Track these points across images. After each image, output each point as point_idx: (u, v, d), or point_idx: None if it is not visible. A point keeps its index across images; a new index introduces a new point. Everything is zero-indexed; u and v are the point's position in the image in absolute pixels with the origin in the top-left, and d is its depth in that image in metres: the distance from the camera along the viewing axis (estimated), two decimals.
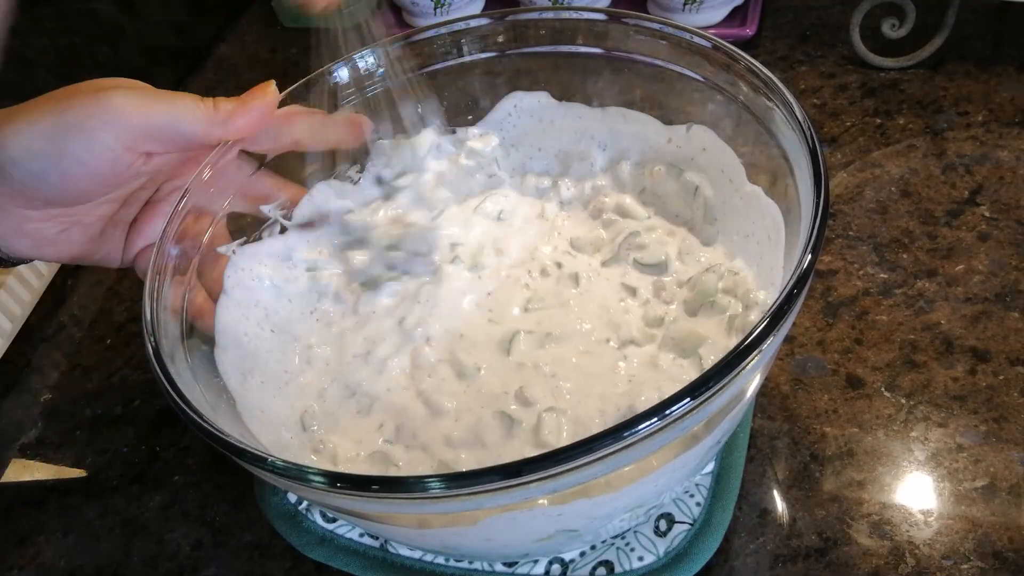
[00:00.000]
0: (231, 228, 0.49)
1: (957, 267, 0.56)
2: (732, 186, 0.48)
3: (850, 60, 0.74)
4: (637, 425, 0.29)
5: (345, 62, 0.52)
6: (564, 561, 0.45)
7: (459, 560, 0.46)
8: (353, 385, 0.47)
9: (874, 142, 0.66)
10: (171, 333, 0.41)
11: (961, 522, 0.45)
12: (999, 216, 0.59)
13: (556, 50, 0.53)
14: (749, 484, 0.48)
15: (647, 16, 0.49)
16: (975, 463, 0.47)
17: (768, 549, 0.45)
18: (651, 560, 0.44)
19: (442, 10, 0.81)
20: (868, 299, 0.56)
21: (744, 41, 0.76)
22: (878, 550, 0.44)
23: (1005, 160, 0.62)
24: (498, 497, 0.30)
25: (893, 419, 0.49)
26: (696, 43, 0.47)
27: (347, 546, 0.48)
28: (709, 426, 0.36)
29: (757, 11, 0.78)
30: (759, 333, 0.31)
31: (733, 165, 0.48)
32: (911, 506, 0.46)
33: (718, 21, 0.77)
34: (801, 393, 0.51)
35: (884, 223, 0.60)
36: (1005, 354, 0.51)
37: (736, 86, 0.46)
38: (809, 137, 0.38)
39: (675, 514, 0.46)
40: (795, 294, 0.32)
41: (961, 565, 0.43)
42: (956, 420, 0.49)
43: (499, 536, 0.38)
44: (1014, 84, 0.68)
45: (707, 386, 0.30)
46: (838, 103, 0.70)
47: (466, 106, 0.57)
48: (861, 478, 0.47)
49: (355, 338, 0.50)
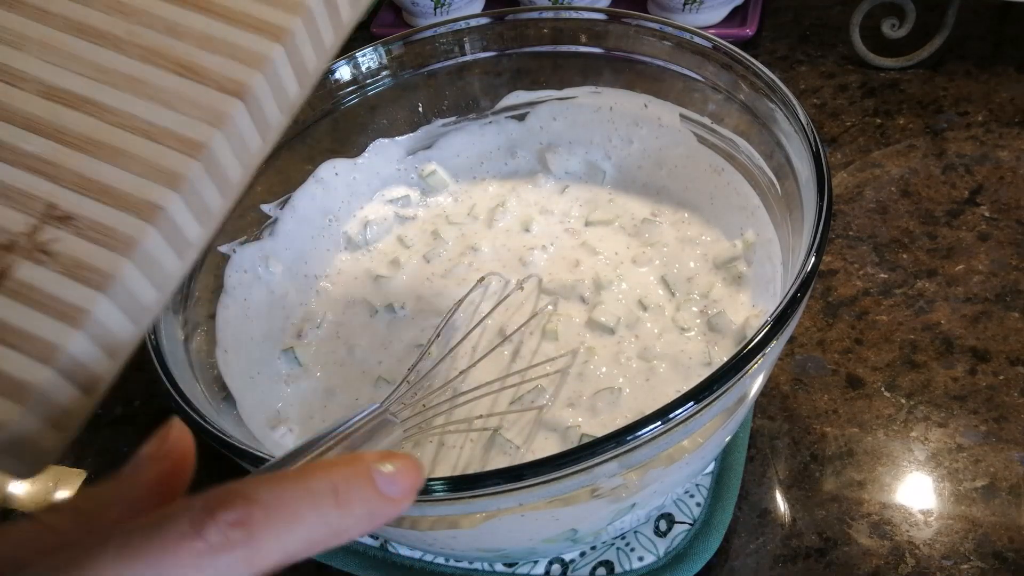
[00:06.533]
0: (230, 227, 0.49)
1: (957, 267, 0.56)
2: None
3: (850, 60, 0.73)
4: (639, 429, 0.29)
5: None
6: (564, 561, 0.45)
7: (459, 560, 0.46)
8: (353, 385, 0.47)
9: (874, 142, 0.66)
10: (171, 333, 0.41)
11: (961, 522, 0.45)
12: (999, 216, 0.59)
13: (556, 50, 0.53)
14: (749, 484, 0.48)
15: (647, 16, 0.49)
16: (975, 463, 0.47)
17: (768, 549, 0.45)
18: (651, 560, 0.44)
19: (442, 10, 0.81)
20: (868, 299, 0.56)
21: (744, 41, 0.76)
22: (878, 550, 0.44)
23: (1005, 160, 0.62)
24: (502, 500, 0.30)
25: (893, 419, 0.49)
26: (696, 43, 0.47)
27: (347, 546, 0.48)
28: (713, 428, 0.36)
29: (757, 11, 0.78)
30: (763, 337, 0.31)
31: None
32: (911, 506, 0.46)
33: (718, 21, 0.77)
34: (801, 393, 0.51)
35: (884, 223, 0.60)
36: (1005, 354, 0.51)
37: (736, 86, 0.46)
38: (812, 140, 0.38)
39: (675, 514, 0.46)
40: (799, 297, 0.32)
41: (961, 565, 0.43)
42: (956, 420, 0.49)
43: (500, 537, 0.38)
44: (1014, 84, 0.68)
45: (711, 390, 0.30)
46: (838, 103, 0.70)
47: (466, 105, 0.57)
48: (861, 478, 0.47)
49: (361, 338, 0.50)
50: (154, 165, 0.27)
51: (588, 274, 0.50)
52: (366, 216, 0.55)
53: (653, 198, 0.54)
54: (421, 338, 0.48)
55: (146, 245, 0.26)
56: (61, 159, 0.27)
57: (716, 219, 0.51)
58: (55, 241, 0.26)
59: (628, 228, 0.52)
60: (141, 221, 0.26)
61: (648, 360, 0.45)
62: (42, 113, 0.28)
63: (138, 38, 0.30)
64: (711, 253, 0.49)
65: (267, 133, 0.30)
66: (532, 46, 0.53)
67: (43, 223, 0.26)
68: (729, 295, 0.47)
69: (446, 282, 0.51)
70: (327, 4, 0.31)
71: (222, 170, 0.29)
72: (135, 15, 0.30)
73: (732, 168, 0.49)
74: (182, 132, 0.28)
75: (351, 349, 0.49)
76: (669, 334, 0.46)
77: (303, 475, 0.21)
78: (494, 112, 0.57)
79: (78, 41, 0.29)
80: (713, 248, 0.50)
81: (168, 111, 0.28)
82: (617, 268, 0.50)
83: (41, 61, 0.29)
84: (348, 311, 0.52)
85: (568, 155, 0.56)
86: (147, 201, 0.27)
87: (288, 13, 0.30)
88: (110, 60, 0.29)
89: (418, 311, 0.50)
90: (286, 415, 0.47)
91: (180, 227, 0.28)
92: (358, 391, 0.47)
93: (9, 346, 0.25)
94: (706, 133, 0.50)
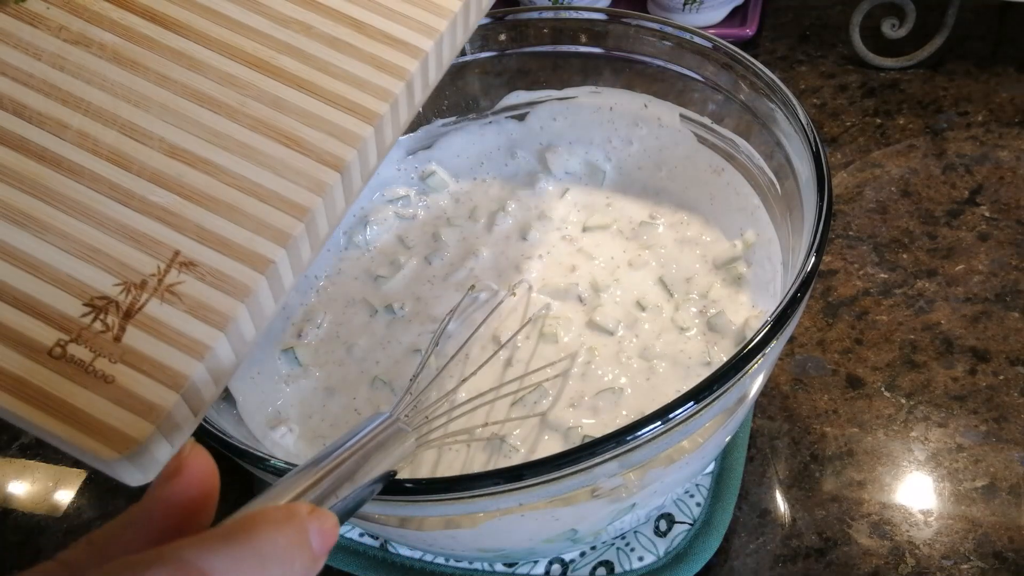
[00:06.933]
0: None
1: (957, 267, 0.56)
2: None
3: (850, 60, 0.74)
4: (639, 429, 0.29)
5: None
6: (564, 561, 0.45)
7: (459, 560, 0.46)
8: (352, 385, 0.47)
9: (874, 142, 0.66)
10: None
11: (961, 522, 0.45)
12: (999, 216, 0.59)
13: (556, 50, 0.53)
14: (749, 484, 0.48)
15: (647, 16, 0.49)
16: (975, 463, 0.47)
17: (768, 549, 0.45)
18: (651, 560, 0.44)
19: None
20: (868, 299, 0.56)
21: (744, 41, 0.76)
22: (878, 550, 0.44)
23: (1005, 160, 0.62)
24: (502, 500, 0.30)
25: (893, 419, 0.49)
26: (696, 43, 0.47)
27: (347, 546, 0.48)
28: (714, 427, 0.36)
29: (757, 11, 0.78)
30: (763, 337, 0.31)
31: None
32: (911, 506, 0.46)
33: (718, 21, 0.77)
34: (801, 393, 0.51)
35: (884, 223, 0.60)
36: (1005, 354, 0.51)
37: (736, 86, 0.46)
38: (812, 140, 0.38)
39: (675, 514, 0.46)
40: (799, 297, 0.32)
41: (961, 565, 0.43)
42: (956, 420, 0.49)
43: (500, 537, 0.38)
44: (1014, 84, 0.68)
45: (711, 390, 0.30)
46: (838, 103, 0.70)
47: (466, 105, 0.57)
48: (861, 478, 0.47)
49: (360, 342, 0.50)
50: (265, 223, 0.32)
51: (585, 279, 0.50)
52: (366, 216, 0.55)
53: (652, 199, 0.53)
54: (420, 340, 0.48)
55: (257, 292, 0.31)
56: (183, 211, 0.32)
57: (716, 219, 0.51)
58: (180, 283, 0.30)
59: (626, 231, 0.52)
60: (255, 272, 0.31)
61: (648, 360, 0.45)
62: (166, 169, 0.32)
63: (249, 109, 0.34)
64: (711, 253, 0.49)
65: (351, 197, 0.35)
66: (532, 46, 0.53)
67: (170, 267, 0.31)
68: (729, 295, 0.47)
69: (446, 284, 0.51)
70: (408, 89, 0.36)
71: (317, 228, 0.33)
72: (246, 88, 0.34)
73: (732, 168, 0.49)
74: (289, 196, 0.32)
75: (350, 349, 0.49)
76: (668, 334, 0.46)
77: (250, 536, 0.22)
78: (494, 112, 0.57)
79: (196, 107, 0.34)
80: (713, 248, 0.50)
81: (276, 176, 0.33)
82: (614, 272, 0.50)
83: (164, 122, 0.33)
84: (348, 311, 0.52)
85: (568, 155, 0.56)
86: (260, 255, 0.31)
87: (379, 100, 0.35)
88: (224, 126, 0.33)
89: (417, 312, 0.50)
90: (286, 415, 0.47)
91: (281, 276, 0.32)
92: (356, 391, 0.47)
93: (142, 372, 0.29)
94: (706, 133, 0.50)
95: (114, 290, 0.30)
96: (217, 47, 0.35)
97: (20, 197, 0.31)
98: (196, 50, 0.35)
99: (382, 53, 0.36)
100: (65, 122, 0.33)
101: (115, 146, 0.32)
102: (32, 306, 0.29)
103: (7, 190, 0.31)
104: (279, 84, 0.35)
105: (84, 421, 0.28)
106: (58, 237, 0.30)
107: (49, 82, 0.33)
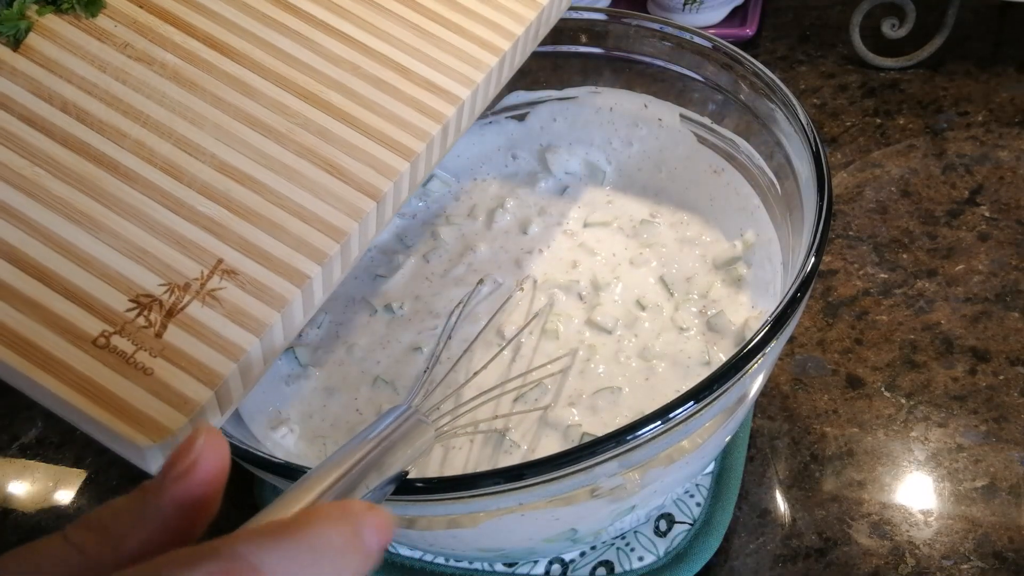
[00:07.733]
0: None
1: (957, 267, 0.56)
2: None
3: (850, 60, 0.74)
4: (639, 429, 0.29)
5: None
6: (564, 561, 0.45)
7: (459, 560, 0.46)
8: (352, 385, 0.47)
9: (874, 142, 0.66)
10: None
11: (961, 522, 0.45)
12: (999, 216, 0.59)
13: (556, 50, 0.53)
14: (749, 484, 0.48)
15: (647, 16, 0.49)
16: (975, 463, 0.47)
17: (768, 549, 0.45)
18: (651, 560, 0.44)
19: None
20: (868, 299, 0.56)
21: (744, 41, 0.76)
22: (878, 550, 0.44)
23: (1005, 160, 0.62)
24: (502, 500, 0.30)
25: (893, 419, 0.49)
26: (696, 43, 0.47)
27: None
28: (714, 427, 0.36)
29: (757, 11, 0.78)
30: (763, 337, 0.31)
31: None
32: (911, 506, 0.46)
33: (718, 21, 0.77)
34: (801, 393, 0.52)
35: (884, 223, 0.60)
36: (1005, 354, 0.51)
37: (736, 86, 0.46)
38: (812, 140, 0.38)
39: (675, 514, 0.46)
40: (798, 297, 0.32)
41: (961, 565, 0.43)
42: (956, 420, 0.49)
43: (501, 537, 0.38)
44: (1014, 84, 0.68)
45: (711, 390, 0.30)
46: (838, 103, 0.70)
47: None
48: (861, 478, 0.47)
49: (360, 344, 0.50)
50: (305, 242, 0.34)
51: (586, 275, 0.50)
52: None
53: (652, 199, 0.54)
54: (419, 339, 0.49)
55: (292, 304, 0.33)
56: (229, 223, 0.34)
57: (716, 219, 0.51)
58: (221, 289, 0.32)
59: (626, 229, 0.52)
60: (292, 285, 0.33)
61: (647, 359, 0.45)
62: (215, 183, 0.35)
63: (296, 136, 0.36)
64: (711, 254, 0.49)
65: (381, 225, 0.37)
66: None
67: (212, 273, 0.33)
68: (729, 295, 0.47)
69: (444, 282, 0.51)
70: (443, 131, 0.39)
71: (350, 250, 0.35)
72: (295, 117, 0.37)
73: (732, 168, 0.49)
74: (328, 219, 0.35)
75: (350, 348, 0.49)
76: (668, 334, 0.46)
77: (306, 533, 0.22)
78: (494, 112, 0.57)
79: (247, 129, 0.36)
80: (713, 249, 0.50)
81: (317, 199, 0.35)
82: (615, 269, 0.50)
83: (216, 140, 0.36)
84: (347, 310, 0.52)
85: (568, 155, 0.56)
86: (298, 270, 0.33)
87: (417, 139, 0.38)
88: (272, 149, 0.36)
89: (417, 311, 0.50)
90: (286, 415, 0.47)
91: (314, 292, 0.34)
92: (357, 391, 0.47)
93: (180, 368, 0.30)
94: (706, 133, 0.50)
95: (159, 289, 0.32)
96: (271, 77, 0.38)
97: (78, 196, 0.33)
98: (251, 78, 0.37)
99: (423, 97, 0.39)
100: (124, 131, 0.35)
101: (169, 157, 0.35)
102: (81, 297, 0.31)
103: (66, 189, 0.33)
104: (326, 116, 0.37)
105: (122, 408, 0.29)
106: (110, 236, 0.32)
107: (112, 93, 0.35)
